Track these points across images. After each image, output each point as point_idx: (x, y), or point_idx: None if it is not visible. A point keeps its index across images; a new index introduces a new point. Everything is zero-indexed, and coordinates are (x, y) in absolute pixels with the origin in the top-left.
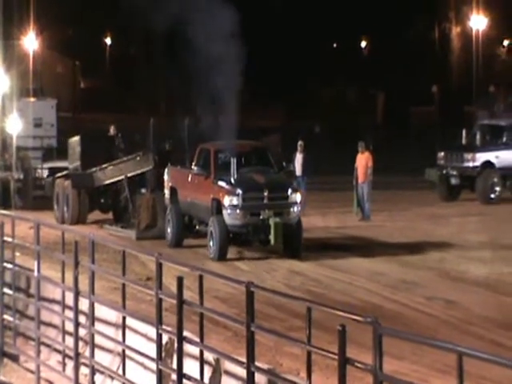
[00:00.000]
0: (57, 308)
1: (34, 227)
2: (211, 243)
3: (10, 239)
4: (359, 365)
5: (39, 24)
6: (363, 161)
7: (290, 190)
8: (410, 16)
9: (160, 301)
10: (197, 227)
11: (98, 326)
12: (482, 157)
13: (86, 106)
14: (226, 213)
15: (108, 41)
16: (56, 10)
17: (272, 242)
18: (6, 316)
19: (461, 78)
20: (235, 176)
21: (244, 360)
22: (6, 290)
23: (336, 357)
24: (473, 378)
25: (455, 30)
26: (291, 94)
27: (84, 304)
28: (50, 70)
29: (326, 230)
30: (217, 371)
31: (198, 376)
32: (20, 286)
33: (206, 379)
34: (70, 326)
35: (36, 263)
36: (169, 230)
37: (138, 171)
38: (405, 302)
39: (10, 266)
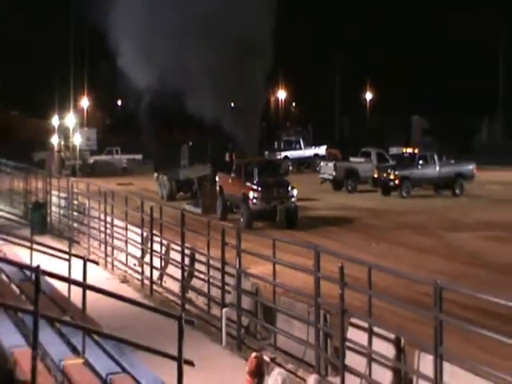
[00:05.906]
0: (97, 221)
1: (86, 185)
2: (242, 220)
3: (76, 190)
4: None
5: (88, 93)
6: None
7: (290, 188)
8: None
9: (143, 218)
10: (234, 210)
11: (116, 229)
12: (283, 154)
13: (110, 132)
14: (250, 202)
15: (119, 102)
16: (95, 84)
17: (278, 219)
18: (74, 224)
19: (274, 120)
20: (256, 179)
21: (179, 243)
22: (75, 213)
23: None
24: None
25: (272, 98)
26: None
27: (109, 219)
28: (93, 115)
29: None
30: (168, 248)
31: (159, 250)
32: (80, 210)
33: (163, 252)
34: (102, 228)
35: (87, 200)
36: (218, 211)
37: (203, 173)
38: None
39: (76, 202)
